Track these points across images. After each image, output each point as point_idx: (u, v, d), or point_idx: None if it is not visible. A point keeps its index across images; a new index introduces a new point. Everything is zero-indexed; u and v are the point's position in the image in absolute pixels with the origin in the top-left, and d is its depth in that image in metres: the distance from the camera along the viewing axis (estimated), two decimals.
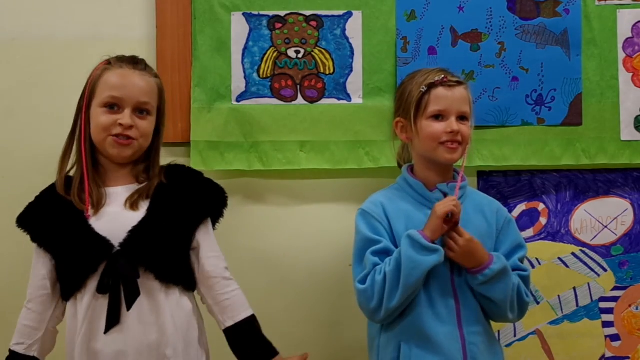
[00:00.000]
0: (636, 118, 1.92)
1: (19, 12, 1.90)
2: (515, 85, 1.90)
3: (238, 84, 1.88)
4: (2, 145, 1.89)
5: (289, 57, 1.88)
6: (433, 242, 1.46)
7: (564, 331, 1.94)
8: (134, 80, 1.48)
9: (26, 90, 1.89)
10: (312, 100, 1.89)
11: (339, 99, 1.89)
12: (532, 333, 1.94)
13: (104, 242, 1.41)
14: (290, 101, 1.88)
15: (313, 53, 1.89)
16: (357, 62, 1.89)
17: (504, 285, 1.49)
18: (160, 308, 1.43)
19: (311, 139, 1.88)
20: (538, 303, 1.94)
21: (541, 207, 1.95)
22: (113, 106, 1.47)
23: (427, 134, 1.55)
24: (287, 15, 1.89)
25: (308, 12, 1.89)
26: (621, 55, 1.92)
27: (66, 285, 1.47)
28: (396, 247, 1.52)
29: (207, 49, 1.87)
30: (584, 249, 1.95)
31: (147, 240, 1.43)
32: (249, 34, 1.88)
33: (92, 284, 1.42)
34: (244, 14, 1.88)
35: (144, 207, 1.47)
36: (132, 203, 1.47)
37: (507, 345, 1.93)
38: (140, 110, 1.48)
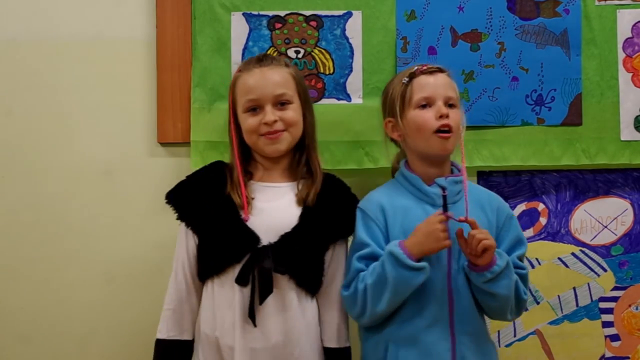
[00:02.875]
0: (636, 118, 1.92)
1: (19, 12, 1.90)
2: (515, 85, 1.90)
3: None
4: (2, 145, 1.89)
5: (289, 57, 1.88)
6: (419, 260, 1.42)
7: (564, 331, 1.94)
8: (264, 77, 1.53)
9: (26, 90, 1.89)
10: (312, 100, 1.89)
11: (338, 99, 1.89)
12: (532, 333, 1.94)
13: (252, 235, 1.47)
14: None
15: (313, 53, 1.89)
16: (357, 62, 1.89)
17: (509, 280, 1.46)
18: (292, 309, 1.48)
19: None
20: (538, 303, 1.94)
21: (541, 207, 1.95)
22: (254, 109, 1.52)
23: (417, 124, 1.52)
24: (287, 15, 1.89)
25: (308, 12, 1.89)
26: (621, 55, 1.92)
27: (206, 266, 1.51)
28: None
29: (207, 49, 1.87)
30: (583, 249, 1.95)
31: (296, 248, 1.47)
32: (249, 34, 1.88)
33: (232, 273, 1.47)
34: (243, 14, 1.88)
35: (299, 208, 1.51)
36: (303, 198, 1.52)
37: (507, 345, 1.93)
38: (280, 102, 1.53)
